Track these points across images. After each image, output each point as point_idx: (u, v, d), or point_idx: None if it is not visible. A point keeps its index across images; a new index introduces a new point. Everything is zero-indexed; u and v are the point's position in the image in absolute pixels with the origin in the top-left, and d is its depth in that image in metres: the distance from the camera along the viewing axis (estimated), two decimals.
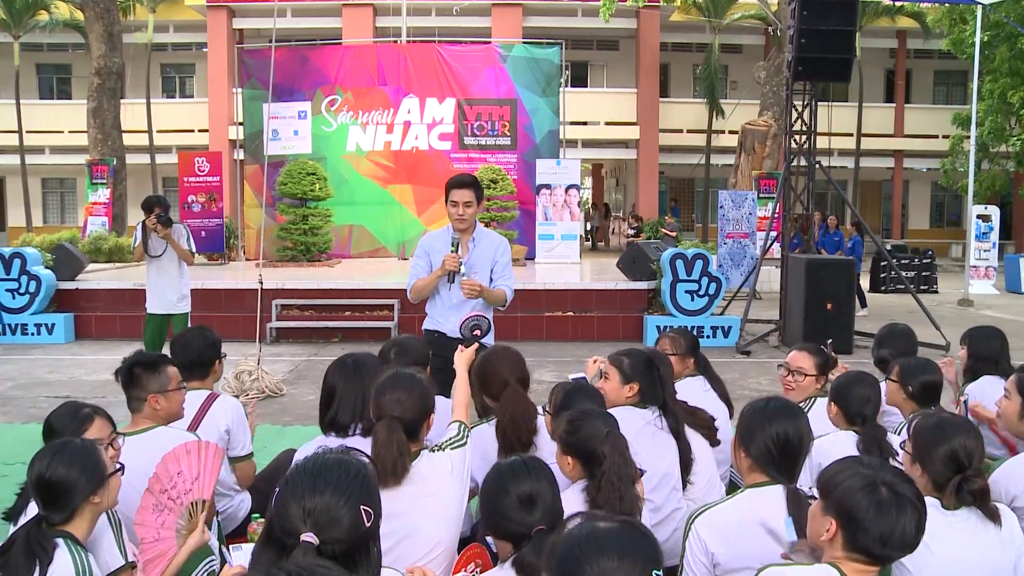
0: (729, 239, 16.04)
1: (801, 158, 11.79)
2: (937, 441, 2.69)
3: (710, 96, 27.23)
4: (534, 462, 2.54)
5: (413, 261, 5.24)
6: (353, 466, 1.97)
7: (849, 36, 10.89)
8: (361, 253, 17.30)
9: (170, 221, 7.84)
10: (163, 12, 27.40)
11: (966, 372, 4.48)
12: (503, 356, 3.78)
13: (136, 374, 3.47)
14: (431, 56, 17.72)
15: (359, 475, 1.95)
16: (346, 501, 1.88)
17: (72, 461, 2.53)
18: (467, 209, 4.92)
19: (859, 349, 10.40)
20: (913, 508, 2.10)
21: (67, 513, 2.52)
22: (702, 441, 3.66)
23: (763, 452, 2.74)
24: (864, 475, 2.14)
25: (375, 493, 1.98)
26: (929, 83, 31.90)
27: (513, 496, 2.41)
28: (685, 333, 4.49)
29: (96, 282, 12.44)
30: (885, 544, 2.08)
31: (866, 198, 30.98)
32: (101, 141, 19.11)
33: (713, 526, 2.69)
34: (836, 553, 2.14)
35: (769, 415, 2.78)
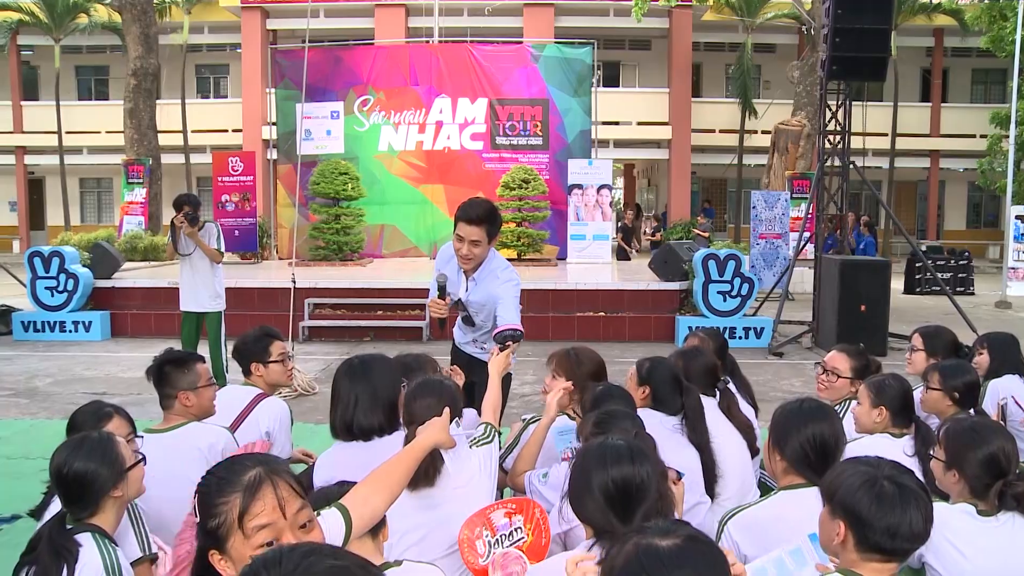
0: (762, 240, 15.93)
1: (835, 158, 11.68)
2: (973, 445, 2.66)
3: (743, 96, 27.03)
4: (639, 448, 2.36)
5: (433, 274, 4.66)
6: None
7: (884, 35, 10.77)
8: (393, 253, 17.37)
9: (197, 219, 7.89)
10: (198, 13, 27.70)
11: (987, 374, 4.43)
12: (588, 354, 3.80)
13: (166, 372, 3.50)
14: (463, 56, 17.75)
15: None
16: None
17: (91, 454, 2.52)
18: (474, 249, 4.19)
19: (893, 351, 10.29)
20: (917, 498, 2.09)
21: (90, 508, 2.52)
22: (739, 442, 3.64)
23: (798, 454, 2.72)
24: (863, 472, 2.14)
25: None
26: (967, 82, 31.46)
27: (608, 481, 2.26)
28: (715, 334, 4.45)
29: (131, 280, 12.60)
30: (894, 536, 2.06)
31: (901, 199, 30.63)
32: (137, 141, 19.34)
33: (746, 528, 2.69)
34: (851, 556, 2.13)
35: (804, 417, 2.77)
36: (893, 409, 3.45)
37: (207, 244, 7.99)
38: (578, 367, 3.64)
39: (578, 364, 3.66)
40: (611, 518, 2.25)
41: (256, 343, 4.13)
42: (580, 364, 3.66)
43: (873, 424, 3.49)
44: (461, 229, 4.15)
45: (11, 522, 4.89)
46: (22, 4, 27.57)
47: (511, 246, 15.91)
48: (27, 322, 11.86)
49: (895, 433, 3.43)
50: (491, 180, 16.94)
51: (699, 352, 3.94)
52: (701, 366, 3.83)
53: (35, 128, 29.63)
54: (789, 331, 11.80)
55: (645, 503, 2.27)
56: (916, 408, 3.60)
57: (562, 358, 3.68)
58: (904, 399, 3.46)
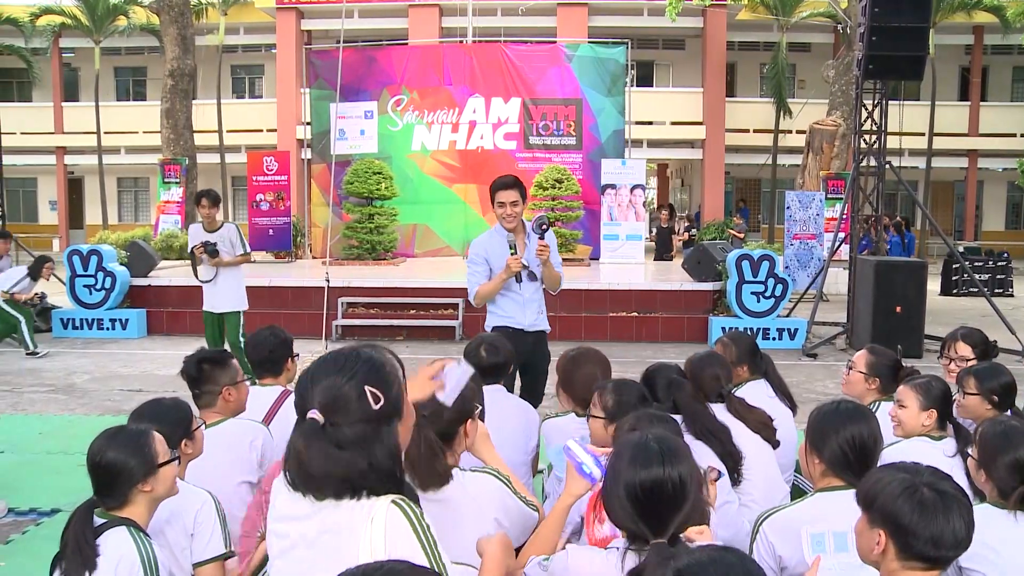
0: (796, 240, 15.80)
1: (870, 158, 11.57)
2: (1002, 449, 2.66)
3: (777, 95, 26.81)
4: (672, 447, 2.25)
5: (470, 268, 5.36)
6: (366, 353, 1.97)
7: (922, 33, 10.65)
8: (425, 252, 17.42)
9: (216, 252, 8.13)
10: (234, 15, 27.99)
11: None
12: (590, 357, 3.84)
13: (206, 369, 3.55)
14: (496, 56, 17.77)
15: (370, 360, 1.95)
16: (349, 379, 1.89)
17: (124, 446, 2.56)
18: (514, 208, 5.20)
19: (929, 353, 10.17)
20: (959, 504, 2.05)
21: (119, 499, 2.55)
22: (758, 443, 3.61)
23: (837, 456, 2.70)
24: (902, 479, 2.09)
25: (389, 379, 1.95)
26: (1007, 80, 30.98)
27: (636, 485, 2.16)
28: (738, 339, 4.39)
29: (167, 279, 12.75)
30: (938, 545, 2.03)
31: (937, 199, 30.23)
32: (173, 141, 19.56)
33: (782, 529, 2.68)
34: (891, 565, 2.09)
35: (842, 418, 2.74)
36: (941, 411, 3.43)
37: (232, 259, 8.30)
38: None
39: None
40: (640, 524, 2.15)
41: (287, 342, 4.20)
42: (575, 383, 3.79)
43: (921, 427, 3.45)
44: (501, 196, 5.19)
45: (51, 516, 4.97)
46: (64, 8, 28.03)
47: None
48: (66, 319, 12.05)
49: (935, 436, 3.40)
50: (524, 180, 16.70)
51: (710, 361, 3.91)
52: (711, 375, 3.81)
53: (75, 129, 30.13)
54: (823, 332, 11.70)
55: (680, 511, 2.15)
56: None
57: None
58: (947, 401, 3.45)
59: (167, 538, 2.81)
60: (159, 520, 2.79)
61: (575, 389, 3.76)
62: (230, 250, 8.34)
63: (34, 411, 7.82)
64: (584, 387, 3.66)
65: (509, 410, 3.79)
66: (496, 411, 3.01)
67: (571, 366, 3.83)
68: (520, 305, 5.28)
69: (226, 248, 8.31)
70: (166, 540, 2.81)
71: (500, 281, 5.18)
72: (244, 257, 8.41)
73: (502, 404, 3.64)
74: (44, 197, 32.82)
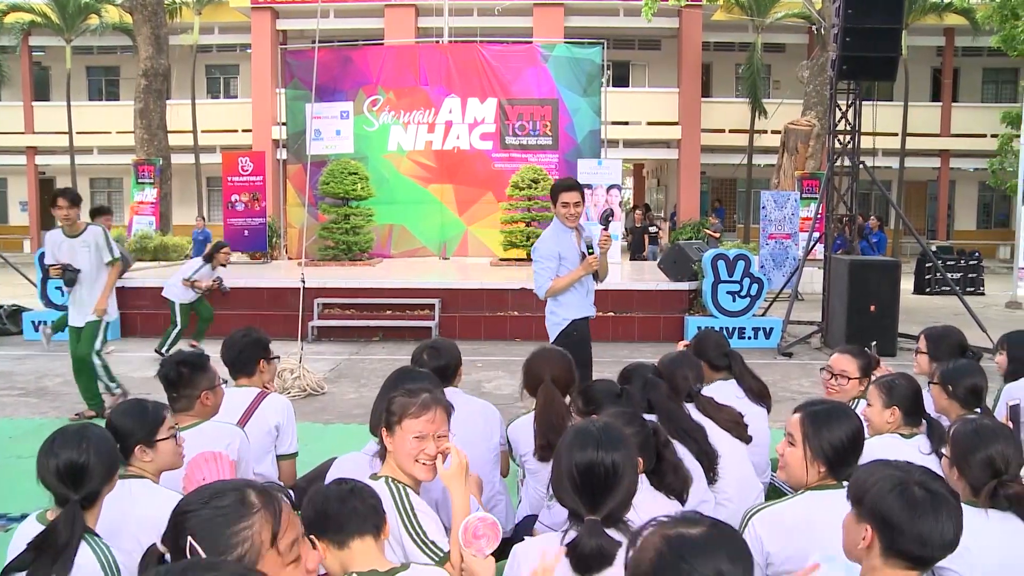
0: (771, 240, 15.89)
1: (845, 158, 11.65)
2: (974, 447, 2.69)
3: (753, 96, 26.97)
4: (610, 433, 2.41)
5: (541, 263, 5.77)
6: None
7: (895, 34, 10.74)
8: (402, 252, 17.38)
9: (73, 280, 7.23)
10: (208, 14, 27.79)
11: (1006, 376, 4.44)
12: (545, 356, 3.89)
13: (185, 373, 3.54)
14: (473, 56, 17.75)
15: None
16: None
17: (81, 446, 2.56)
18: (576, 208, 5.66)
19: (903, 351, 10.26)
20: (949, 505, 2.05)
21: (89, 499, 2.52)
22: (731, 442, 3.63)
23: (836, 456, 2.71)
24: (894, 476, 2.09)
25: None
26: (977, 81, 31.33)
27: (572, 466, 2.33)
28: (700, 338, 4.43)
29: (141, 280, 12.64)
30: (925, 544, 2.02)
31: (911, 199, 30.51)
32: (147, 141, 19.41)
33: (771, 525, 2.69)
34: (874, 562, 2.09)
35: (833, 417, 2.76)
36: (904, 409, 3.45)
37: (105, 286, 7.35)
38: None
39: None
40: (578, 503, 2.31)
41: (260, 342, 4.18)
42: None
43: (885, 424, 3.49)
44: (565, 196, 5.65)
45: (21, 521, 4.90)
46: (34, 5, 27.70)
47: (520, 246, 15.89)
48: (37, 322, 11.89)
49: (905, 433, 3.42)
50: (500, 180, 16.94)
51: (680, 361, 3.94)
52: (679, 376, 3.84)
53: (46, 128, 29.78)
54: (798, 331, 11.77)
55: (613, 493, 2.30)
56: (929, 407, 3.59)
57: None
58: (914, 399, 3.46)
59: (139, 542, 2.77)
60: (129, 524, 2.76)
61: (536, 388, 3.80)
62: (95, 257, 7.28)
63: (4, 415, 7.72)
64: None
65: (470, 411, 3.81)
66: (457, 413, 3.04)
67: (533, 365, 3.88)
68: (582, 298, 5.84)
69: (90, 257, 7.26)
70: (138, 544, 2.77)
71: (576, 277, 5.70)
72: (115, 266, 7.36)
73: (463, 406, 3.66)
74: (14, 198, 32.46)
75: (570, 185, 5.75)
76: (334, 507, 2.28)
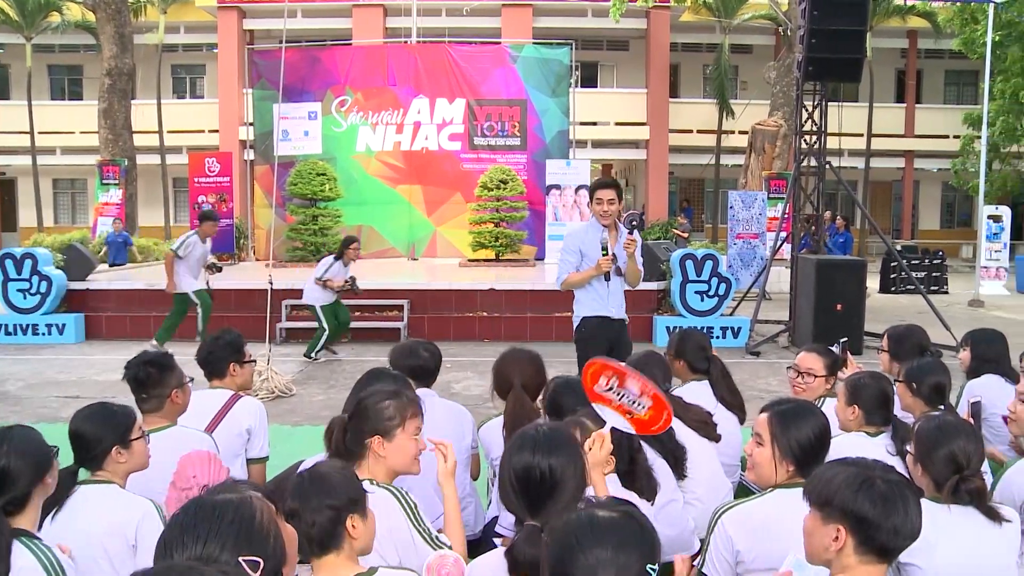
0: (739, 240, 16.00)
1: (811, 158, 11.75)
2: (937, 443, 2.73)
3: (720, 96, 27.15)
4: (549, 438, 2.38)
5: (563, 256, 5.87)
6: (231, 506, 1.69)
7: (860, 36, 10.85)
8: (370, 253, 17.29)
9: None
10: (174, 13, 27.49)
11: (968, 373, 4.51)
12: (514, 359, 3.87)
13: (153, 373, 3.50)
14: (441, 56, 17.72)
15: (237, 518, 1.67)
16: (217, 553, 1.63)
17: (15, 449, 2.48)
18: (611, 206, 5.64)
19: (868, 350, 10.36)
20: (912, 494, 2.11)
21: (19, 505, 2.46)
22: (701, 443, 3.63)
23: (804, 454, 2.72)
24: (858, 474, 2.12)
25: (265, 534, 1.70)
26: (940, 83, 31.75)
27: (510, 470, 2.33)
28: (685, 341, 4.39)
29: (106, 282, 12.49)
30: (897, 535, 2.07)
31: (876, 198, 30.86)
32: (112, 142, 19.18)
33: (741, 523, 2.69)
34: (847, 560, 2.10)
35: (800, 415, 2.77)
36: (866, 408, 3.47)
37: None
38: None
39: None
40: (519, 507, 2.31)
41: (232, 344, 4.14)
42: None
43: (848, 421, 3.53)
44: (601, 194, 5.65)
45: None
46: None
47: (489, 246, 15.91)
48: None
49: (870, 432, 3.45)
50: (469, 180, 16.93)
51: (648, 361, 3.94)
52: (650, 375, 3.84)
53: (6, 128, 29.21)
54: (766, 330, 11.86)
55: (553, 498, 2.27)
56: (896, 406, 3.62)
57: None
58: (879, 398, 3.48)
59: (106, 550, 2.74)
60: (97, 531, 2.73)
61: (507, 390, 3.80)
62: None
63: None
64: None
65: (442, 413, 3.81)
66: (429, 414, 3.03)
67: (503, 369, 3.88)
68: (603, 298, 5.79)
69: None
70: (104, 552, 2.74)
71: (588, 275, 5.70)
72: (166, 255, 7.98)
73: (435, 407, 3.65)
74: None
75: (605, 183, 5.77)
76: None
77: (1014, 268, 19.59)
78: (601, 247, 5.63)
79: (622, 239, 5.72)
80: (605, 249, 5.63)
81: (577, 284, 5.81)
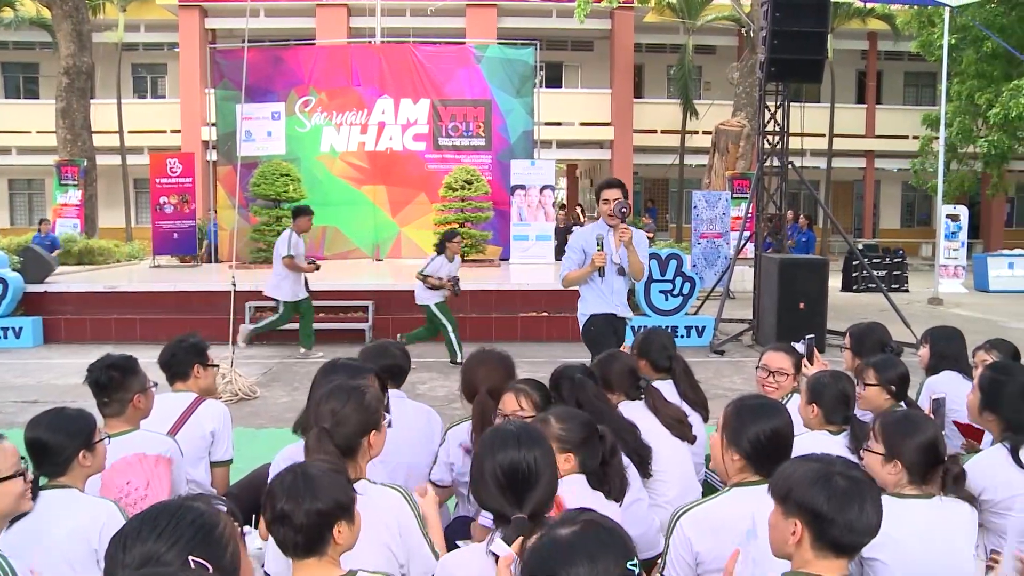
0: (703, 239, 16.10)
1: (774, 158, 11.85)
2: (910, 433, 2.74)
3: (684, 97, 27.32)
4: (529, 433, 2.46)
5: (567, 254, 6.05)
6: (194, 511, 1.71)
7: (821, 37, 10.96)
8: (335, 254, 17.19)
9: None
10: (134, 11, 27.13)
11: (928, 370, 4.57)
12: (482, 362, 3.83)
13: (116, 376, 3.46)
14: (405, 57, 17.65)
15: (198, 522, 1.69)
16: (170, 547, 1.64)
17: None
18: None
19: (831, 348, 10.47)
20: (871, 491, 2.12)
21: None
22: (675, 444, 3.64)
23: (756, 450, 2.73)
24: (816, 469, 2.14)
25: (221, 543, 1.70)
26: (899, 84, 32.20)
27: (495, 467, 2.36)
28: (648, 341, 4.37)
29: (65, 285, 12.29)
30: (852, 531, 2.08)
31: (838, 198, 31.22)
32: (70, 142, 18.90)
33: (699, 525, 2.69)
34: (806, 555, 2.13)
35: (759, 412, 2.78)
36: (826, 407, 3.51)
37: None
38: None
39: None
40: (503, 503, 2.34)
41: (195, 347, 4.11)
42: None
43: (809, 419, 3.56)
44: (605, 194, 5.79)
45: None
46: None
47: None
48: None
49: (832, 430, 3.48)
50: (434, 181, 16.88)
51: (615, 357, 3.96)
52: (619, 370, 3.85)
53: None
54: (730, 329, 11.94)
55: (535, 488, 2.34)
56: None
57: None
58: (839, 397, 3.51)
59: (67, 556, 2.70)
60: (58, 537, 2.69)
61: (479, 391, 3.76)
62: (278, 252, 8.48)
63: None
64: None
65: (411, 414, 3.78)
66: (398, 416, 3.01)
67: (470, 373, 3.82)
68: (607, 296, 5.91)
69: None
70: (66, 558, 2.70)
71: (585, 272, 5.85)
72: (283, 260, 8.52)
73: (403, 409, 3.62)
74: None
75: (610, 183, 5.89)
76: None
77: (971, 266, 19.91)
78: (596, 243, 5.78)
79: (596, 236, 5.85)
80: (600, 245, 5.77)
81: (576, 280, 5.95)
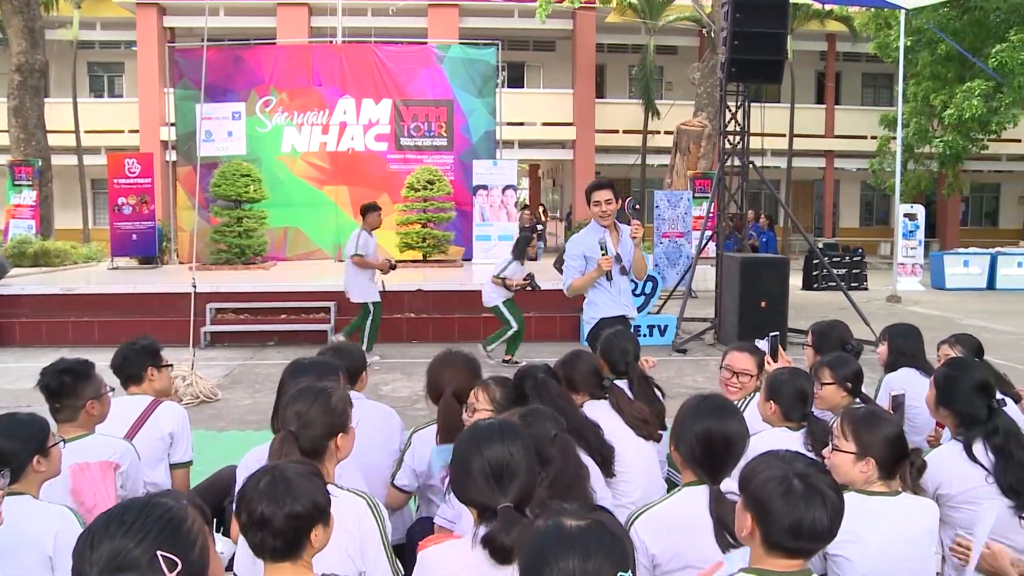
0: (665, 239, 16.20)
1: (735, 158, 11.95)
2: (878, 428, 2.77)
3: (646, 97, 27.45)
4: (509, 427, 2.50)
5: (567, 263, 5.92)
6: (162, 507, 1.71)
7: (781, 38, 11.07)
8: (297, 255, 17.08)
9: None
10: (89, 8, 26.66)
11: (886, 367, 4.63)
12: (447, 363, 3.80)
13: (68, 382, 3.38)
14: (367, 56, 17.56)
15: (166, 518, 1.69)
16: (138, 543, 1.63)
17: None
18: (608, 206, 5.70)
19: (792, 346, 10.56)
20: (825, 499, 2.07)
21: None
22: (638, 444, 3.63)
23: (690, 450, 2.74)
24: (778, 467, 2.13)
25: (189, 539, 1.70)
26: (858, 85, 32.63)
27: (483, 461, 2.37)
28: (610, 343, 4.25)
29: (20, 287, 12.07)
30: (796, 536, 2.05)
31: (798, 197, 31.55)
32: (24, 141, 18.58)
33: (652, 527, 2.70)
34: (758, 550, 2.13)
35: (700, 413, 2.79)
36: (784, 404, 3.53)
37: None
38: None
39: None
40: (489, 496, 2.35)
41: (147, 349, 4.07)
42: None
43: (768, 416, 3.59)
44: (597, 195, 5.71)
45: None
46: None
47: (416, 247, 15.83)
48: None
49: (792, 427, 3.51)
50: (396, 181, 16.81)
51: (578, 357, 3.96)
52: (583, 370, 3.86)
53: None
54: (692, 328, 12.01)
55: (518, 478, 2.37)
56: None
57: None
58: (797, 394, 3.54)
59: (21, 561, 2.65)
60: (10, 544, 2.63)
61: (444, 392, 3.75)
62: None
63: None
64: None
65: (371, 415, 3.76)
66: (360, 418, 3.00)
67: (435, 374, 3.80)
68: (613, 297, 5.79)
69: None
70: (20, 565, 2.65)
71: (592, 278, 5.73)
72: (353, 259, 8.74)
73: (364, 409, 3.61)
74: None
75: (600, 184, 5.82)
76: None
77: (928, 264, 20.22)
78: (600, 247, 5.68)
79: (624, 237, 5.80)
80: (604, 249, 5.68)
81: (582, 288, 5.84)
